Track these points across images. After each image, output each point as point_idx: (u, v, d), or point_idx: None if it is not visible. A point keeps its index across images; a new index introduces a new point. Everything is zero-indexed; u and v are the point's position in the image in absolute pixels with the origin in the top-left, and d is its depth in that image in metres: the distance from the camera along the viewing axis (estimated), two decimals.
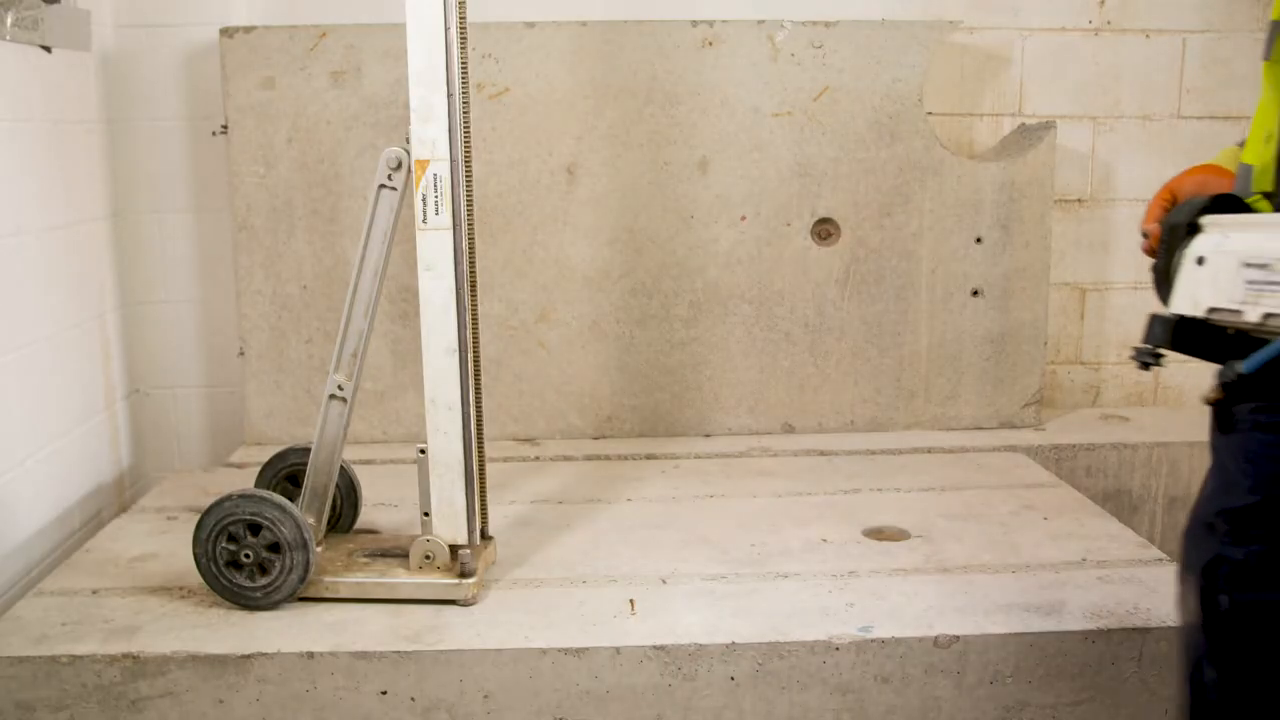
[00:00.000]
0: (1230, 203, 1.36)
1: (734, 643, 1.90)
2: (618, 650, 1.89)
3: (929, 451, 2.95)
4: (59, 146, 2.63)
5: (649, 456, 2.91)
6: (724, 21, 2.92)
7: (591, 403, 3.08)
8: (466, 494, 2.03)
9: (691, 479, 2.74)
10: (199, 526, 2.00)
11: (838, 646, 1.91)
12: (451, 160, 1.92)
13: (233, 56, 2.86)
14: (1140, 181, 3.28)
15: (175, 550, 2.28)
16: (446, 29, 1.88)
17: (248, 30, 2.86)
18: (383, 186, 1.97)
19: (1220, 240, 1.30)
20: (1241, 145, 1.47)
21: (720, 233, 3.00)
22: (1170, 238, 1.37)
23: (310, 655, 1.87)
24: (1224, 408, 1.35)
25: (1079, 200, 3.30)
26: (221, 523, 1.99)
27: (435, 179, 1.92)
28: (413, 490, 2.13)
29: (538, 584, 2.14)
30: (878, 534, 2.37)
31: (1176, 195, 1.54)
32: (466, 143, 1.98)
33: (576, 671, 1.89)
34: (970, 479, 2.72)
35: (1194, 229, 1.34)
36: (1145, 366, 1.35)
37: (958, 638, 1.90)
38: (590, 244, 2.99)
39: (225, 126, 2.90)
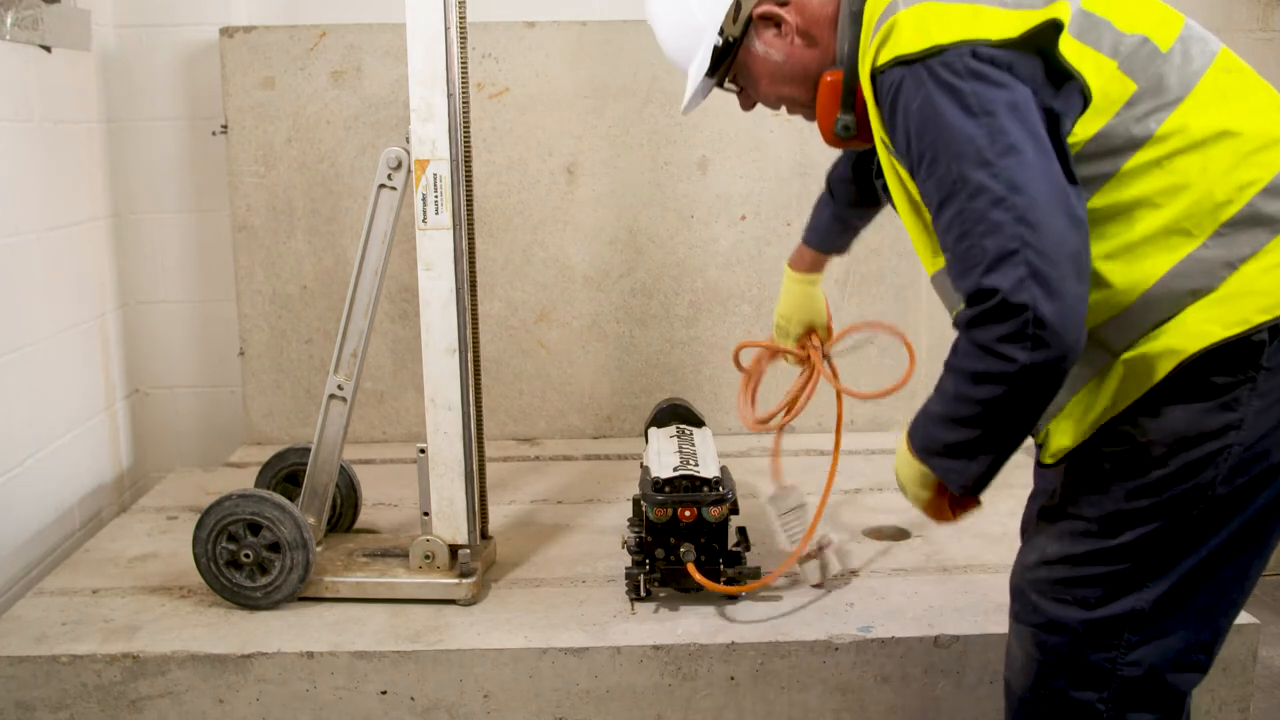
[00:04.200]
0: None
1: (734, 643, 1.90)
2: (618, 650, 1.89)
3: None
4: (59, 146, 2.63)
5: None
6: None
7: (591, 403, 3.07)
8: (466, 494, 2.02)
9: None
10: (199, 526, 2.00)
11: (837, 646, 1.91)
12: (451, 160, 1.92)
13: (233, 56, 2.86)
14: None
15: (175, 550, 2.28)
16: (446, 29, 1.88)
17: (248, 30, 2.86)
18: (383, 186, 1.97)
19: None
20: None
21: (720, 232, 3.00)
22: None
23: (310, 655, 1.87)
24: None
25: None
26: (221, 522, 1.99)
27: (435, 179, 1.92)
28: (413, 490, 2.13)
29: (538, 584, 2.14)
30: (877, 534, 2.37)
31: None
32: (466, 143, 1.98)
33: (576, 671, 1.89)
34: None
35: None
36: None
37: (958, 638, 1.90)
38: (590, 244, 2.99)
39: (225, 126, 2.90)
